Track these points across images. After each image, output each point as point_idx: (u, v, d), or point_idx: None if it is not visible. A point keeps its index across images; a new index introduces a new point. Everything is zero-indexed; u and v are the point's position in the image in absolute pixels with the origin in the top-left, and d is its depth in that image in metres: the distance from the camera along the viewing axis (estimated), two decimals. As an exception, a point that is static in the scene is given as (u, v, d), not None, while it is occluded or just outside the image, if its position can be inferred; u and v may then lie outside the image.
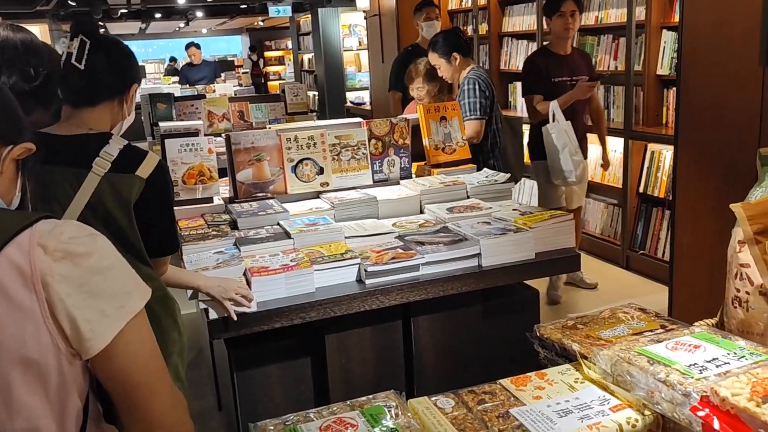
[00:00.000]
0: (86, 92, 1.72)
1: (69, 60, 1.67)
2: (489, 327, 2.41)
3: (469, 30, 6.64)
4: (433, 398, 1.16)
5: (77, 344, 0.94)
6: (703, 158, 3.20)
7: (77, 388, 0.98)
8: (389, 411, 1.08)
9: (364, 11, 8.05)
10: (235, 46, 20.48)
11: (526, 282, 2.58)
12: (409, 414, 1.08)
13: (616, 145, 4.86)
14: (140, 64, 2.33)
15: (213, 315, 1.97)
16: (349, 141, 2.99)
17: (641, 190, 4.72)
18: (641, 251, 4.71)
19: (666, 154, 4.48)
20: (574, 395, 1.16)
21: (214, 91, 8.41)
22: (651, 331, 1.31)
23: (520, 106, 6.22)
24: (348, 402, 1.14)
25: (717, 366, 1.06)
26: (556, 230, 2.45)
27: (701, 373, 1.05)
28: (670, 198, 4.33)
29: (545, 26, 4.38)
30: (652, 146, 4.56)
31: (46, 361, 0.93)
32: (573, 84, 3.98)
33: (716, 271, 3.15)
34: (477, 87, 3.58)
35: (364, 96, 10.30)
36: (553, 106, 3.87)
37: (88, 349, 0.94)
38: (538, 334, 1.39)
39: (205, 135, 3.06)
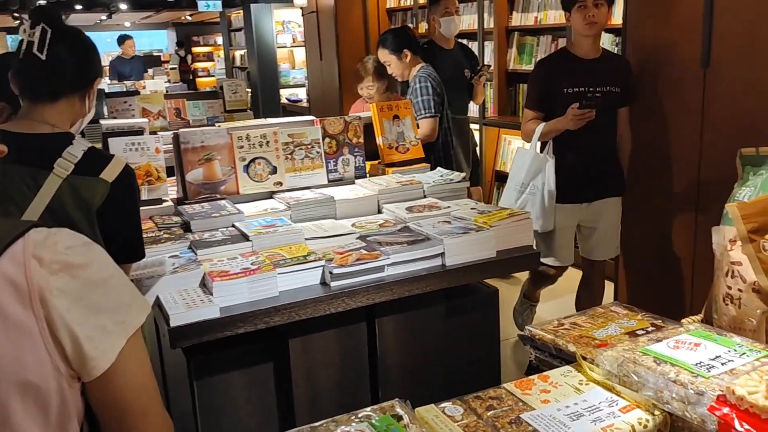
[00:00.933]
0: (47, 85, 1.59)
1: (30, 49, 1.54)
2: (451, 326, 2.41)
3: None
4: (441, 406, 1.12)
5: (78, 365, 0.85)
6: (647, 156, 3.30)
7: (77, 412, 0.89)
8: (399, 421, 1.04)
9: (301, 8, 7.94)
10: (160, 41, 19.82)
11: (484, 281, 2.60)
12: (419, 424, 1.04)
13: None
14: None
15: (175, 322, 1.88)
16: (303, 139, 2.92)
17: (581, 187, 4.82)
18: (582, 247, 4.80)
19: (605, 152, 4.58)
20: (581, 397, 1.15)
21: (144, 87, 8.12)
22: (643, 329, 1.32)
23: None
24: (349, 414, 1.09)
25: (722, 364, 1.07)
26: (516, 228, 2.47)
27: (709, 371, 1.06)
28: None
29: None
30: (591, 145, 4.66)
31: (46, 385, 0.84)
32: (596, 97, 3.12)
33: (661, 266, 3.27)
34: (429, 85, 3.58)
35: (299, 93, 10.19)
36: (536, 131, 3.19)
37: (91, 369, 0.85)
38: (530, 336, 1.38)
39: (142, 134, 2.94)
